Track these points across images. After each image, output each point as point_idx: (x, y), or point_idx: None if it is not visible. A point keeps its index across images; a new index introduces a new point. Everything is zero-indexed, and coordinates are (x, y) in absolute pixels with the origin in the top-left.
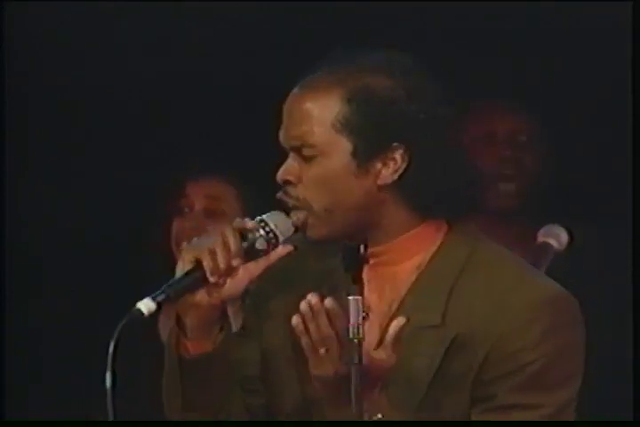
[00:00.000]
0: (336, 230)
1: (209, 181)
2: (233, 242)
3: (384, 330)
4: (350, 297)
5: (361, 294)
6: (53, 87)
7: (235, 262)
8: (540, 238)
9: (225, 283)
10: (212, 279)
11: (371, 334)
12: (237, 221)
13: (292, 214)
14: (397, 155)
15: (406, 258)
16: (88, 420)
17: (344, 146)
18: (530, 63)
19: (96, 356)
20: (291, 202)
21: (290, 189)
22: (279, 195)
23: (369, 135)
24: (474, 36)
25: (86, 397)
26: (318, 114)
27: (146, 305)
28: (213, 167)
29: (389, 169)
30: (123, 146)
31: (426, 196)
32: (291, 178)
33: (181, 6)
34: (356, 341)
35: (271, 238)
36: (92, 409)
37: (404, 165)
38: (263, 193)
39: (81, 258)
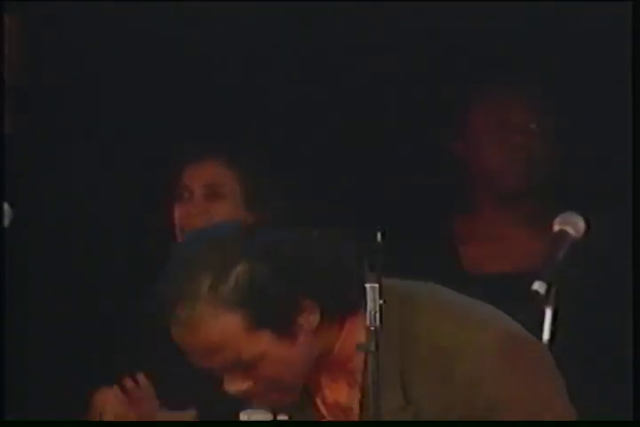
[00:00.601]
0: None
1: (208, 164)
2: None
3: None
4: (367, 285)
5: (378, 281)
6: (53, 87)
7: None
8: (557, 226)
9: None
10: None
11: None
12: None
13: None
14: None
15: None
16: (88, 420)
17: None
18: (530, 63)
19: (95, 355)
20: None
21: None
22: None
23: None
24: (473, 36)
25: (86, 396)
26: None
27: None
28: (211, 151)
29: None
30: (122, 135)
31: None
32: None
33: (181, 6)
34: (372, 328)
35: None
36: (91, 409)
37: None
38: (263, 175)
39: (82, 245)
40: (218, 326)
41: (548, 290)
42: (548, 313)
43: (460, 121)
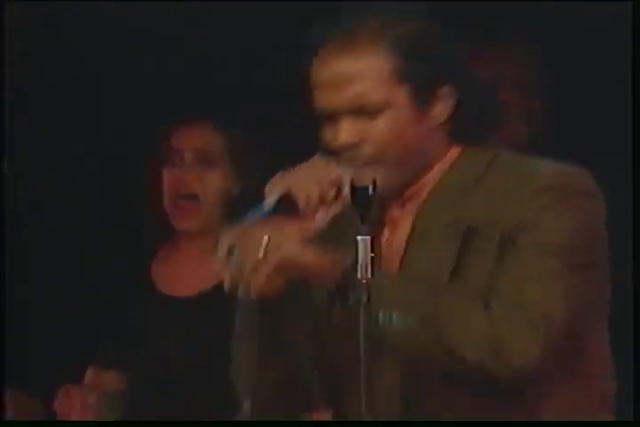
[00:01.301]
0: (405, 179)
1: (197, 129)
2: (325, 175)
3: (412, 232)
4: (359, 237)
5: (369, 234)
6: (53, 87)
7: (331, 193)
8: None
9: (316, 216)
10: (305, 210)
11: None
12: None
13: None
14: (447, 92)
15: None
16: (89, 420)
17: (403, 95)
18: (529, 63)
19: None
20: (359, 162)
21: (354, 151)
22: (344, 161)
23: (422, 80)
24: (473, 36)
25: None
26: (369, 70)
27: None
28: (200, 115)
29: (443, 107)
30: (122, 135)
31: (465, 125)
32: (356, 140)
33: (181, 6)
34: (364, 281)
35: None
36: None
37: (453, 101)
38: (251, 139)
39: (82, 244)
40: None
41: None
42: None
43: None
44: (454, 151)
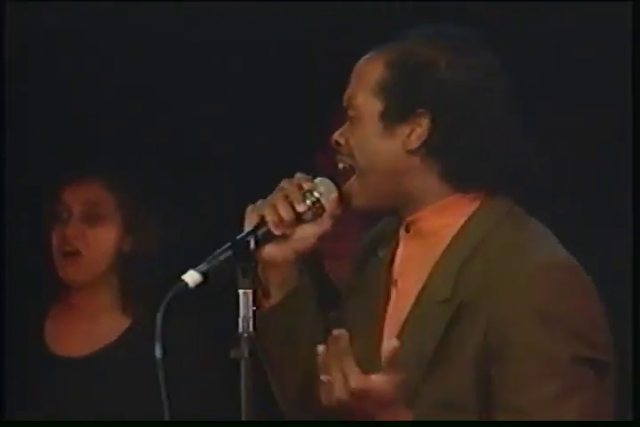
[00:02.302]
0: (372, 197)
1: (87, 185)
2: (293, 192)
3: (413, 306)
4: (240, 290)
5: (251, 287)
6: (53, 87)
7: (300, 208)
8: None
9: (293, 235)
10: (277, 232)
11: (397, 310)
12: (298, 176)
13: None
14: (423, 120)
15: (436, 229)
16: (88, 420)
17: (376, 108)
18: (529, 63)
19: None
20: (340, 164)
21: (341, 151)
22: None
23: (399, 98)
24: (471, 36)
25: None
26: (363, 77)
27: (191, 277)
28: (92, 172)
29: (415, 135)
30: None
31: (457, 165)
32: (340, 139)
33: (181, 6)
34: (245, 335)
35: (316, 205)
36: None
37: (428, 132)
38: (144, 198)
39: None
40: None
41: None
42: None
43: None
44: (460, 201)
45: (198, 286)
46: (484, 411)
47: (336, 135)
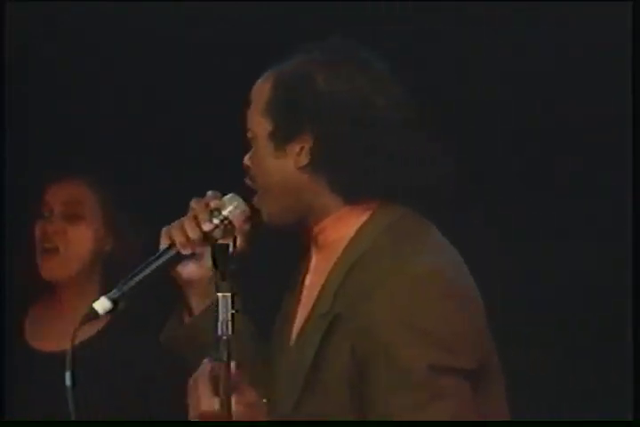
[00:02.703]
0: (277, 214)
1: (68, 184)
2: (200, 212)
3: (305, 320)
4: (219, 294)
5: (230, 291)
6: (53, 87)
7: (206, 227)
8: None
9: (206, 253)
10: (184, 251)
11: (297, 324)
12: (208, 195)
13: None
14: (309, 137)
15: (333, 241)
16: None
17: (266, 128)
18: (529, 63)
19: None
20: (253, 185)
21: (249, 173)
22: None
23: (284, 118)
24: (472, 36)
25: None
26: (256, 99)
27: (101, 304)
28: (73, 170)
29: (303, 152)
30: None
31: (343, 179)
32: (247, 162)
33: (181, 6)
34: (225, 338)
35: (225, 223)
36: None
37: (313, 148)
38: (125, 197)
39: None
40: None
41: None
42: None
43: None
44: (352, 213)
45: (109, 312)
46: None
47: (246, 159)
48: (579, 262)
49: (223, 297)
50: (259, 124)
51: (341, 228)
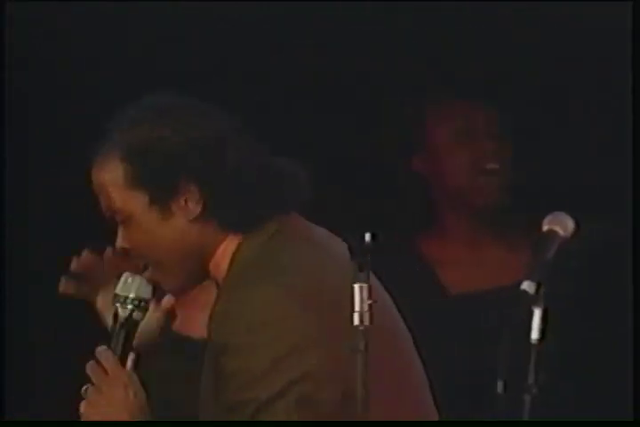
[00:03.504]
0: (181, 277)
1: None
2: (108, 362)
3: None
4: (355, 284)
5: (367, 281)
6: (53, 87)
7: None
8: (546, 226)
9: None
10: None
11: None
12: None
13: (144, 274)
14: (192, 188)
15: (223, 272)
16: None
17: (142, 199)
18: (529, 63)
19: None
20: (141, 263)
21: (131, 254)
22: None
23: (158, 178)
24: (472, 36)
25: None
26: (109, 180)
27: None
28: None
29: (192, 202)
30: None
31: (233, 213)
32: (124, 245)
33: (181, 6)
34: (361, 328)
35: (140, 304)
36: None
37: (201, 194)
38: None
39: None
40: None
41: (537, 290)
42: (537, 313)
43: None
44: (229, 242)
45: None
46: None
47: (119, 243)
48: (579, 262)
49: (360, 288)
50: (130, 200)
51: (226, 259)
